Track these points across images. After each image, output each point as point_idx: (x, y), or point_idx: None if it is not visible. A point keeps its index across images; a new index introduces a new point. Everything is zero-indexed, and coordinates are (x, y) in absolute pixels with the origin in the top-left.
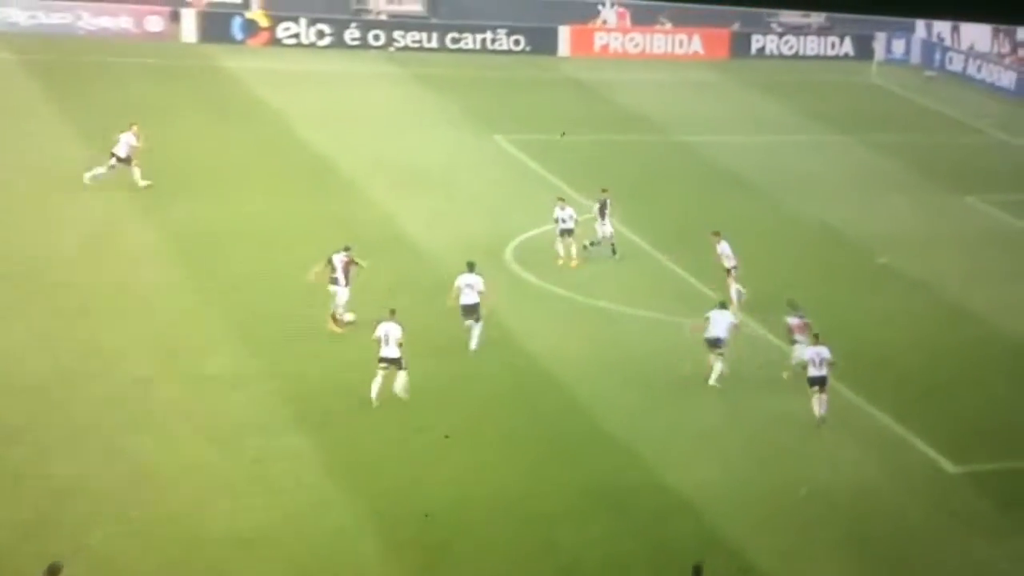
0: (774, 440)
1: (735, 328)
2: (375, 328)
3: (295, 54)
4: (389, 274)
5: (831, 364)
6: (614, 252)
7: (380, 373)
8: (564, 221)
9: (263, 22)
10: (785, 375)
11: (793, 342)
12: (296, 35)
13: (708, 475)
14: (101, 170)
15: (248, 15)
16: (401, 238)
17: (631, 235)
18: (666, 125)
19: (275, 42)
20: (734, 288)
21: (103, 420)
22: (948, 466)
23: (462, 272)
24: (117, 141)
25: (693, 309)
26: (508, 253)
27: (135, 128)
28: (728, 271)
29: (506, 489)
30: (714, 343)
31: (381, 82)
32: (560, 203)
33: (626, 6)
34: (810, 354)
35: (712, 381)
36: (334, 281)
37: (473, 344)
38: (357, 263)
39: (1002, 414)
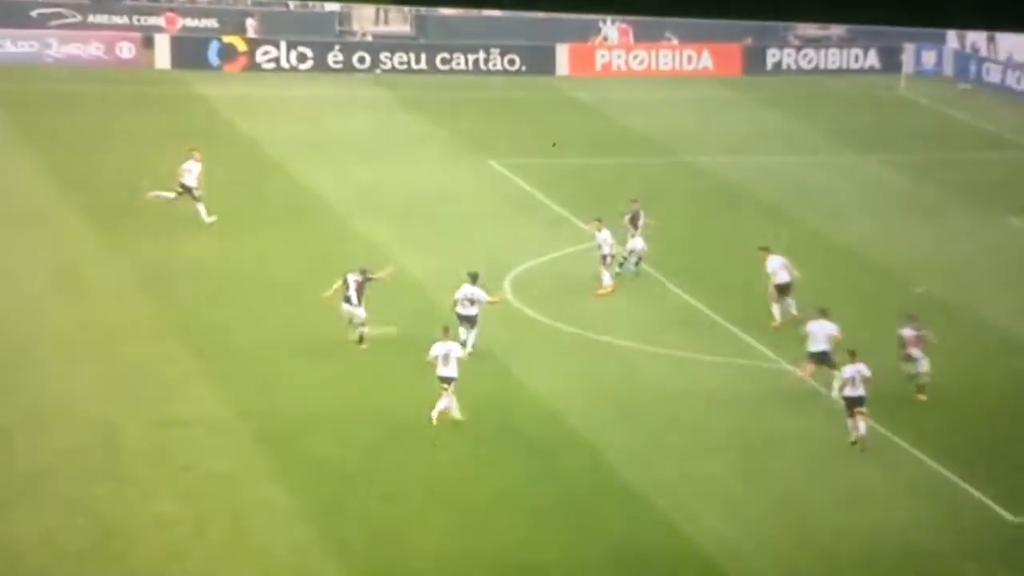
0: (803, 490)
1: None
2: (430, 349)
3: (275, 79)
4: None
5: (868, 382)
6: (637, 265)
7: (442, 393)
8: (603, 246)
9: (240, 46)
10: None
11: (907, 357)
12: (275, 59)
13: (726, 528)
14: (168, 195)
15: (225, 39)
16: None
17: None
18: (674, 145)
19: (253, 67)
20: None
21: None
22: (1007, 516)
23: (464, 283)
24: (183, 171)
25: (710, 345)
26: (506, 285)
27: (196, 154)
28: (781, 288)
29: (504, 542)
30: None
31: (366, 107)
32: (597, 224)
33: (629, 22)
34: (849, 372)
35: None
36: (347, 300)
37: (469, 346)
38: (372, 279)
39: None
